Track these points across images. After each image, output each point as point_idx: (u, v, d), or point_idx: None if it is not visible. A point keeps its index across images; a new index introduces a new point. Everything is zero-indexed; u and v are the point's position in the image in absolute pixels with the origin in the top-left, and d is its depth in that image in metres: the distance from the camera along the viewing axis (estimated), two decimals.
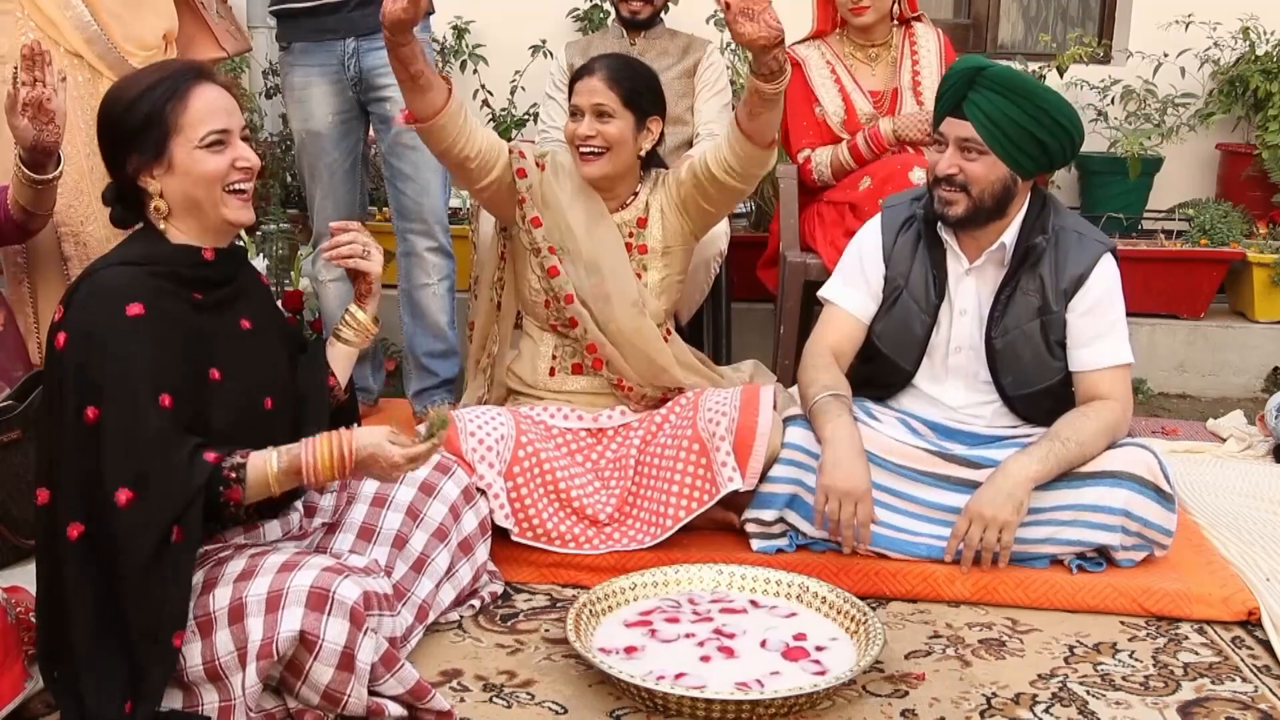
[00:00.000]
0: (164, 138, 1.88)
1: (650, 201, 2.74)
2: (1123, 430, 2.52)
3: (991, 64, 2.43)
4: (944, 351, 2.61)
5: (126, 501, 1.75)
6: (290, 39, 3.32)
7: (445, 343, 3.42)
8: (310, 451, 1.87)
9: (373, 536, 2.17)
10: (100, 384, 1.77)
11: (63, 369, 1.79)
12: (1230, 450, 3.43)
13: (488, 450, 2.44)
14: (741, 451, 2.46)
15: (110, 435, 1.76)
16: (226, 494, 1.83)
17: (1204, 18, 4.53)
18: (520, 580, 2.46)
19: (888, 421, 2.60)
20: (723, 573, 2.36)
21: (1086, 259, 2.51)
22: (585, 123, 2.62)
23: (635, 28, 3.73)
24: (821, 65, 3.50)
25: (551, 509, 2.51)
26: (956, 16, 5.20)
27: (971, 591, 2.42)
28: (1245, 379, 4.20)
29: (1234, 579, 2.46)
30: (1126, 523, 2.43)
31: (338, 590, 1.77)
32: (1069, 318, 2.53)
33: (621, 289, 2.66)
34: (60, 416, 1.79)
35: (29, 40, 2.69)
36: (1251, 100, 4.56)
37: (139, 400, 1.78)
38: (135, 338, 1.80)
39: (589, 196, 2.69)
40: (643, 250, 2.72)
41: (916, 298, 2.60)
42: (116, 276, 1.84)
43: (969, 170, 2.44)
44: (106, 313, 1.80)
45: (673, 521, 2.49)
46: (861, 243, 2.69)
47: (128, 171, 1.90)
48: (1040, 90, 2.43)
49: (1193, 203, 4.59)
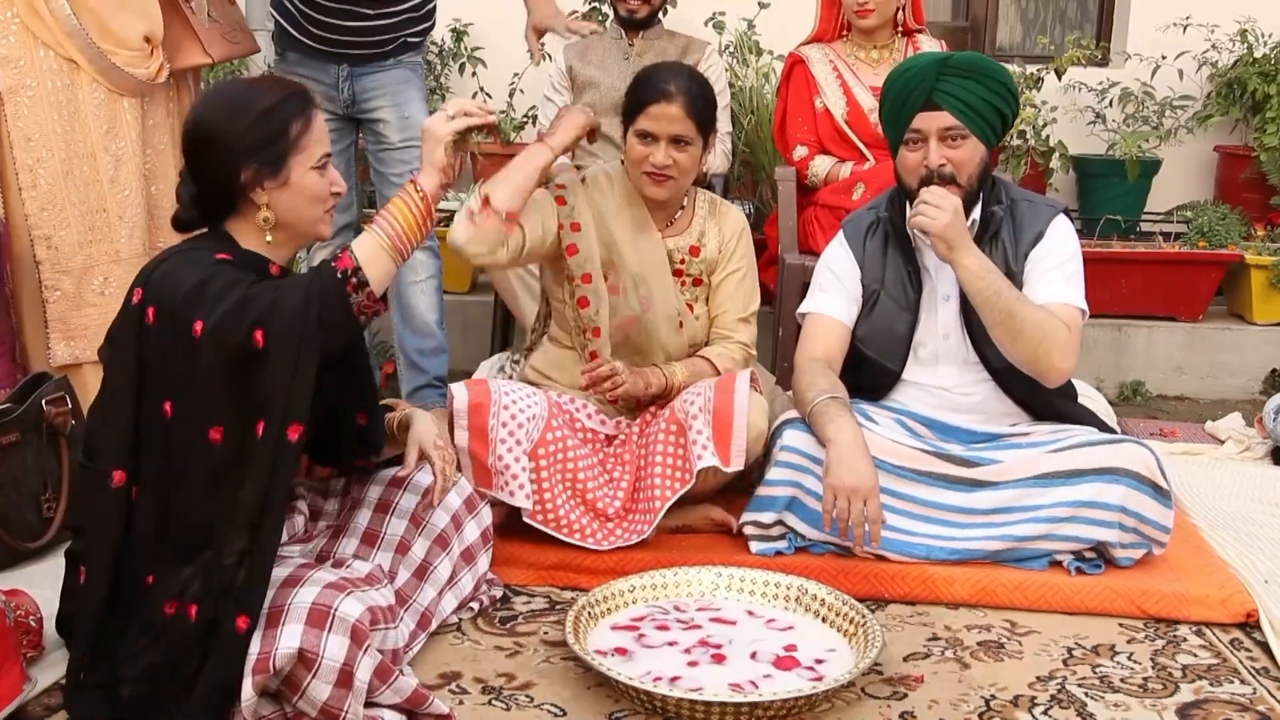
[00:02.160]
0: (286, 154, 1.92)
1: (707, 230, 2.72)
2: (1061, 357, 2.48)
3: (951, 54, 2.54)
4: (933, 340, 2.64)
5: (263, 338, 1.79)
6: (285, 48, 3.34)
7: (434, 339, 3.43)
8: (387, 224, 1.98)
9: (376, 542, 2.17)
10: (205, 297, 1.81)
11: (169, 323, 1.82)
12: (1229, 452, 3.43)
13: (518, 427, 2.43)
14: (721, 430, 2.46)
15: (225, 310, 1.80)
16: (339, 265, 1.90)
17: (1201, 20, 4.54)
18: (519, 583, 2.46)
19: (884, 422, 2.60)
20: (721, 575, 2.36)
21: (1042, 220, 2.59)
22: (661, 151, 2.56)
23: (634, 28, 3.74)
24: (824, 63, 3.55)
25: (565, 495, 2.50)
26: (955, 19, 5.21)
27: (970, 594, 2.42)
28: (1243, 381, 4.21)
29: (1232, 581, 2.46)
30: (1124, 519, 2.43)
31: (339, 608, 1.77)
32: (1028, 270, 2.57)
33: (664, 303, 2.66)
34: (176, 346, 1.81)
35: (12, 44, 2.69)
36: (1249, 102, 4.57)
37: (243, 280, 1.85)
38: (224, 268, 1.87)
39: (635, 207, 2.67)
40: (697, 283, 2.71)
41: (895, 297, 2.63)
42: (193, 253, 1.89)
43: (955, 158, 2.50)
44: (198, 262, 1.86)
45: (660, 503, 2.48)
46: (830, 256, 2.72)
47: (239, 179, 1.90)
48: (996, 66, 2.55)
49: (1191, 205, 4.59)
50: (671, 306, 2.67)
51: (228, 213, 1.95)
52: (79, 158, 2.75)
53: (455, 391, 2.41)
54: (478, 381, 2.51)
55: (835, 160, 3.49)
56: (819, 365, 2.58)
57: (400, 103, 3.30)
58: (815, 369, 2.57)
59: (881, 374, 2.66)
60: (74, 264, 2.77)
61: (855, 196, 3.32)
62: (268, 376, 1.80)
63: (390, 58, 3.28)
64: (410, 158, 3.29)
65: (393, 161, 3.32)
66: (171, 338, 1.82)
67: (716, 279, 2.73)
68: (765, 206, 4.27)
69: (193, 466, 1.83)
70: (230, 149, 1.89)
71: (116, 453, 1.85)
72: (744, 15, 4.53)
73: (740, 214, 2.80)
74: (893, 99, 2.54)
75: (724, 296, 2.73)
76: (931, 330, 2.63)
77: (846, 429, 2.41)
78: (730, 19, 4.56)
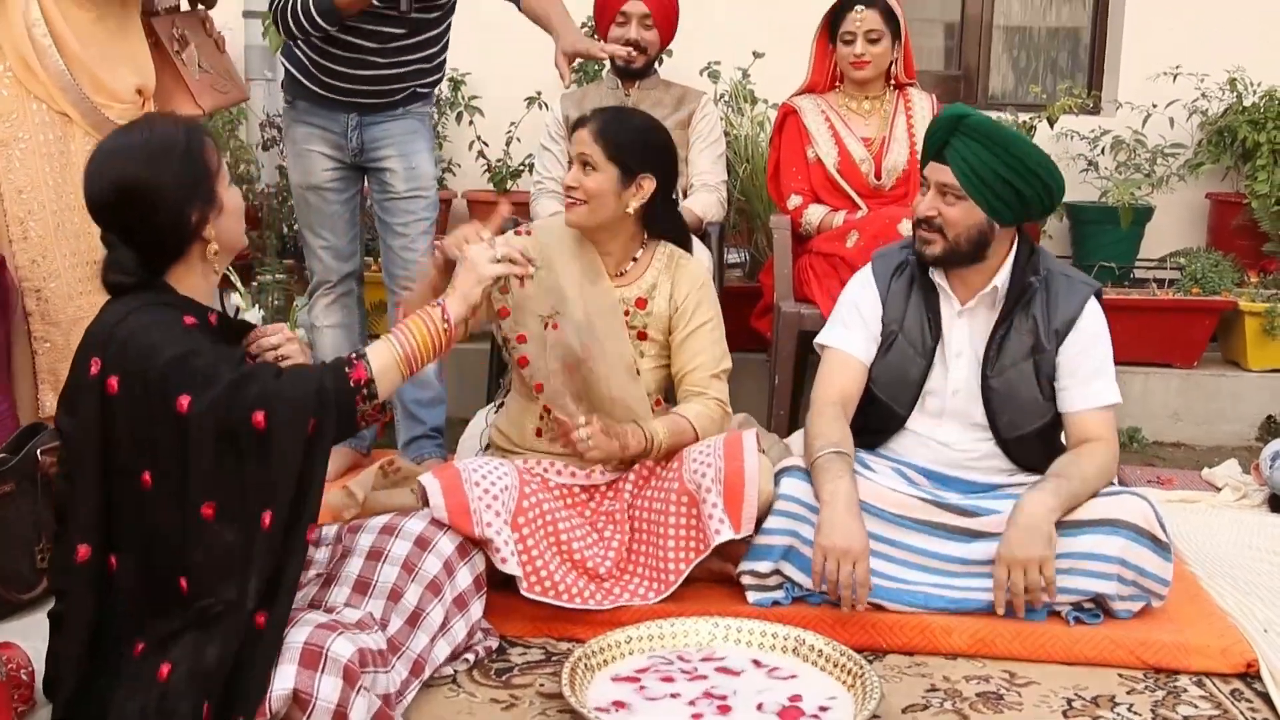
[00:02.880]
0: (214, 182, 1.94)
1: (659, 284, 2.69)
2: (1113, 472, 2.56)
3: (973, 113, 2.48)
4: (941, 394, 2.63)
5: (264, 420, 1.80)
6: (295, 96, 3.34)
7: (432, 390, 3.41)
8: (406, 340, 1.98)
9: (368, 590, 2.16)
10: (191, 372, 1.80)
11: (140, 397, 1.80)
12: (1226, 499, 3.43)
13: (494, 499, 2.41)
14: (732, 500, 2.44)
15: (218, 393, 1.80)
16: (352, 374, 1.92)
17: (1191, 69, 4.59)
18: (515, 634, 2.44)
19: (882, 471, 2.60)
20: (718, 626, 2.34)
21: (1077, 300, 2.57)
22: (571, 172, 2.62)
23: (630, 78, 3.77)
24: (817, 113, 3.58)
25: (556, 561, 2.49)
26: (948, 68, 5.27)
27: (969, 644, 2.41)
28: (1239, 427, 4.21)
29: (1232, 630, 2.45)
30: (1123, 571, 2.42)
31: (331, 647, 1.76)
32: (1060, 359, 2.57)
33: (616, 351, 2.63)
34: (153, 419, 1.81)
35: (4, 97, 2.70)
36: (1240, 150, 4.60)
37: (232, 358, 1.86)
38: (196, 335, 1.86)
39: (585, 252, 2.67)
40: (641, 336, 2.68)
41: (912, 341, 2.62)
42: (152, 314, 1.87)
43: (946, 214, 2.50)
44: (167, 328, 1.84)
45: (675, 575, 2.48)
46: (855, 289, 2.71)
47: (190, 223, 1.91)
48: (1018, 141, 2.48)
49: (1184, 252, 4.62)
50: (627, 355, 2.64)
51: (176, 260, 1.94)
52: (70, 210, 2.74)
53: (426, 482, 2.37)
54: (445, 467, 2.48)
55: (829, 209, 3.51)
56: (833, 411, 2.58)
57: (408, 153, 3.31)
58: (828, 416, 2.57)
59: (888, 417, 2.66)
60: (63, 316, 2.75)
61: (850, 244, 3.34)
62: (270, 462, 1.80)
63: (400, 107, 3.30)
64: (416, 208, 3.30)
65: (398, 211, 3.33)
66: (146, 411, 1.80)
67: (680, 334, 2.67)
68: (760, 254, 4.29)
69: (185, 541, 1.81)
70: (172, 197, 1.88)
71: (84, 527, 1.83)
72: (739, 65, 4.58)
73: (701, 266, 2.76)
74: (924, 139, 2.58)
75: (693, 351, 2.66)
76: (942, 382, 2.62)
77: (842, 490, 2.40)
78: (725, 68, 4.60)
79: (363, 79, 3.23)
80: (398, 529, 2.23)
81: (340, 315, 3.46)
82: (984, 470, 2.65)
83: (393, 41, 3.19)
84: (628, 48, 3.60)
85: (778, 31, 4.34)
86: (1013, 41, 5.31)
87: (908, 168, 3.51)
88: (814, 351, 2.78)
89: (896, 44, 3.52)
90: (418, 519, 2.26)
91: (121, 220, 1.90)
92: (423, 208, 3.33)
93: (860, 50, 3.47)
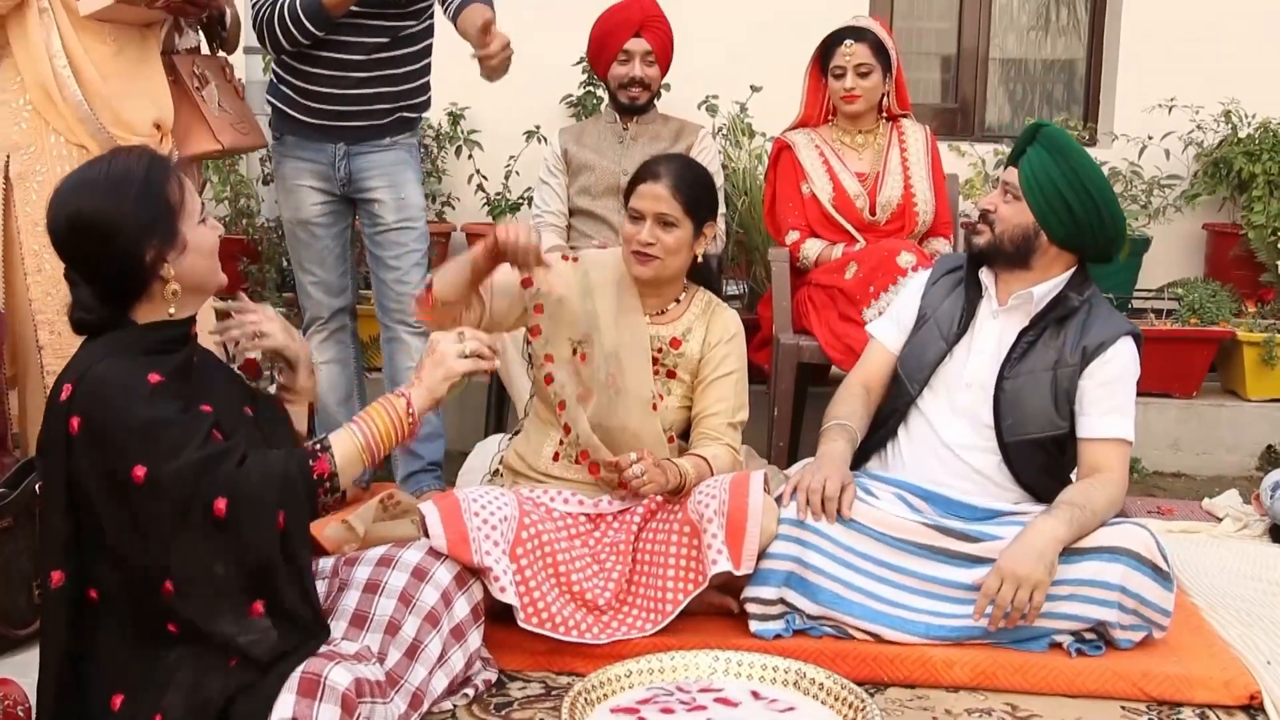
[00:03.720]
0: (175, 219, 1.89)
1: (694, 328, 2.71)
2: (1120, 504, 2.58)
3: (1051, 124, 2.65)
4: (955, 384, 2.67)
5: (225, 509, 1.79)
6: (283, 131, 3.36)
7: (429, 424, 3.40)
8: (368, 430, 1.97)
9: (365, 624, 2.15)
10: (150, 444, 1.78)
11: (98, 449, 1.79)
12: (1226, 530, 3.42)
13: (492, 529, 2.41)
14: (734, 535, 2.44)
15: (179, 469, 1.78)
16: (315, 466, 1.89)
17: (1186, 101, 4.61)
18: (514, 667, 2.43)
19: (885, 496, 2.60)
20: (719, 659, 2.33)
21: (1112, 330, 2.62)
22: (646, 229, 2.59)
23: (630, 113, 3.80)
24: (810, 148, 3.59)
25: (555, 593, 2.48)
26: (944, 101, 5.30)
27: (970, 677, 2.40)
28: (1239, 457, 4.21)
29: (1235, 662, 2.44)
30: (1123, 599, 2.42)
31: (329, 676, 1.76)
32: (1084, 384, 2.59)
33: (638, 385, 2.65)
34: (110, 485, 1.79)
35: (23, 130, 2.73)
36: (1236, 181, 4.63)
37: (198, 432, 1.83)
38: (163, 399, 1.83)
39: (625, 290, 2.68)
40: (670, 375, 2.70)
41: (940, 325, 2.72)
42: (121, 363, 1.84)
43: (1000, 210, 2.63)
44: (132, 386, 1.81)
45: (672, 606, 2.47)
46: (909, 281, 2.91)
47: (144, 261, 1.85)
48: (1081, 156, 2.60)
49: (1181, 282, 4.63)
50: (646, 390, 2.66)
51: (135, 299, 1.90)
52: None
53: (425, 510, 2.37)
54: (444, 496, 2.47)
55: (826, 243, 3.52)
56: (853, 390, 2.79)
57: (397, 184, 3.33)
58: (846, 395, 2.78)
59: (901, 394, 2.73)
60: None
61: (848, 276, 3.34)
62: (237, 549, 1.80)
63: (387, 135, 3.31)
64: (407, 239, 3.31)
65: (388, 244, 3.34)
66: (102, 465, 1.79)
67: (706, 378, 2.70)
68: (759, 286, 4.30)
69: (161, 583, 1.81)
70: (125, 234, 1.84)
71: (54, 551, 1.83)
72: (737, 99, 4.61)
73: (736, 319, 2.78)
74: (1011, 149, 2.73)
75: (715, 399, 2.69)
76: (958, 373, 2.67)
77: (835, 449, 2.63)
78: (723, 102, 4.64)
79: (348, 99, 3.23)
80: (394, 560, 2.22)
81: (335, 351, 3.47)
82: (985, 492, 2.65)
83: (375, 53, 3.20)
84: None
85: (775, 65, 4.37)
86: (1009, 74, 5.34)
87: (902, 202, 3.53)
88: (813, 383, 2.81)
89: (888, 77, 3.54)
90: (414, 549, 2.25)
91: (78, 255, 1.86)
92: (413, 239, 3.33)
93: (850, 84, 3.49)
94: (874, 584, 2.49)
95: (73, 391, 1.80)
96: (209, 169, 4.60)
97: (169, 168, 1.92)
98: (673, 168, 2.65)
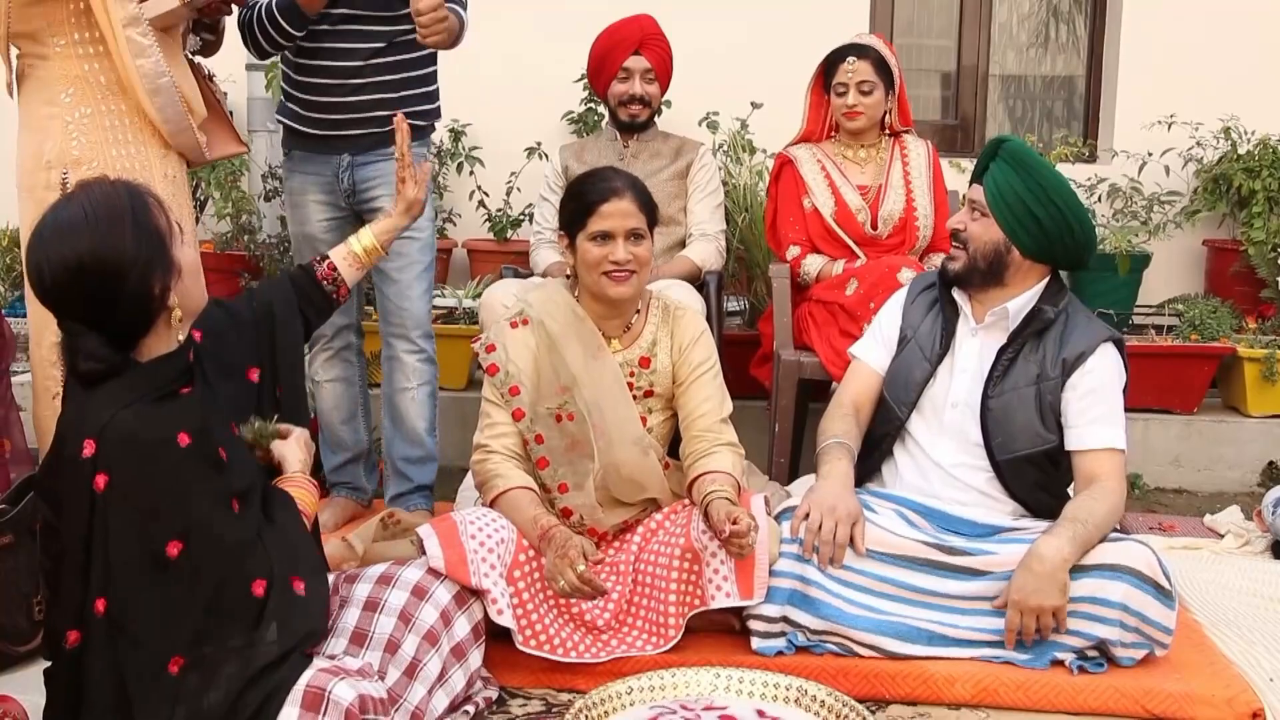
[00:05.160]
0: (168, 245, 1.87)
1: (658, 339, 2.69)
2: (1121, 514, 2.57)
3: (1013, 139, 2.66)
4: (941, 405, 2.66)
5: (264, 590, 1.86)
6: (291, 147, 3.38)
7: (422, 449, 3.36)
8: None
9: (365, 642, 2.14)
10: (196, 522, 1.79)
11: (130, 510, 1.78)
12: (1228, 546, 3.41)
13: (489, 553, 2.40)
14: (743, 567, 2.43)
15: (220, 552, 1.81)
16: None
17: (1186, 118, 4.62)
18: (515, 684, 2.43)
19: (885, 513, 2.60)
20: (720, 676, 2.32)
21: (1091, 339, 2.61)
22: (620, 247, 2.57)
23: (630, 130, 3.81)
24: (812, 162, 3.60)
25: (552, 615, 2.47)
26: (945, 118, 5.31)
27: (972, 694, 2.39)
28: (1240, 473, 4.20)
29: (1237, 679, 2.43)
30: (1125, 617, 2.41)
31: (333, 691, 1.75)
32: (1068, 395, 2.59)
33: (623, 429, 2.62)
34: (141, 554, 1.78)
35: (84, 144, 2.64)
36: (1235, 197, 4.63)
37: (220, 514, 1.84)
38: (195, 462, 1.83)
39: (583, 327, 2.64)
40: (648, 394, 2.68)
41: (922, 346, 2.72)
42: (145, 420, 1.81)
43: (970, 229, 2.65)
44: (163, 451, 1.80)
45: (674, 630, 2.46)
46: (887, 304, 2.88)
47: (154, 293, 1.84)
48: (1045, 169, 2.61)
49: (1182, 298, 4.64)
50: (632, 429, 2.63)
51: (144, 335, 1.88)
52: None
53: (423, 534, 2.36)
54: (442, 518, 2.46)
55: (827, 259, 3.52)
56: (842, 411, 2.76)
57: None
58: (838, 414, 2.76)
59: (888, 419, 2.73)
60: None
61: (849, 292, 3.35)
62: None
63: (391, 144, 3.29)
64: (411, 250, 3.30)
65: (392, 255, 3.30)
66: (134, 528, 1.77)
67: (685, 381, 2.67)
68: (760, 302, 4.30)
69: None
70: (135, 270, 1.81)
71: (74, 617, 1.82)
72: (737, 115, 4.62)
73: (696, 316, 2.76)
74: (975, 165, 2.73)
75: (700, 398, 2.66)
76: (944, 392, 2.67)
77: (839, 469, 2.60)
78: (724, 118, 4.65)
79: (347, 106, 3.21)
80: (394, 579, 2.22)
81: (340, 369, 3.46)
82: (982, 507, 2.65)
83: (371, 59, 3.19)
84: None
85: (776, 82, 4.38)
86: (1009, 90, 5.36)
87: (904, 216, 3.54)
88: (814, 399, 2.81)
89: (890, 94, 3.55)
90: (414, 567, 2.25)
91: (83, 302, 1.80)
92: (417, 250, 3.30)
93: (853, 101, 3.50)
94: (876, 599, 2.49)
95: (97, 448, 1.77)
96: (210, 185, 4.62)
97: (145, 194, 1.89)
98: (628, 180, 2.65)
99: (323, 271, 2.41)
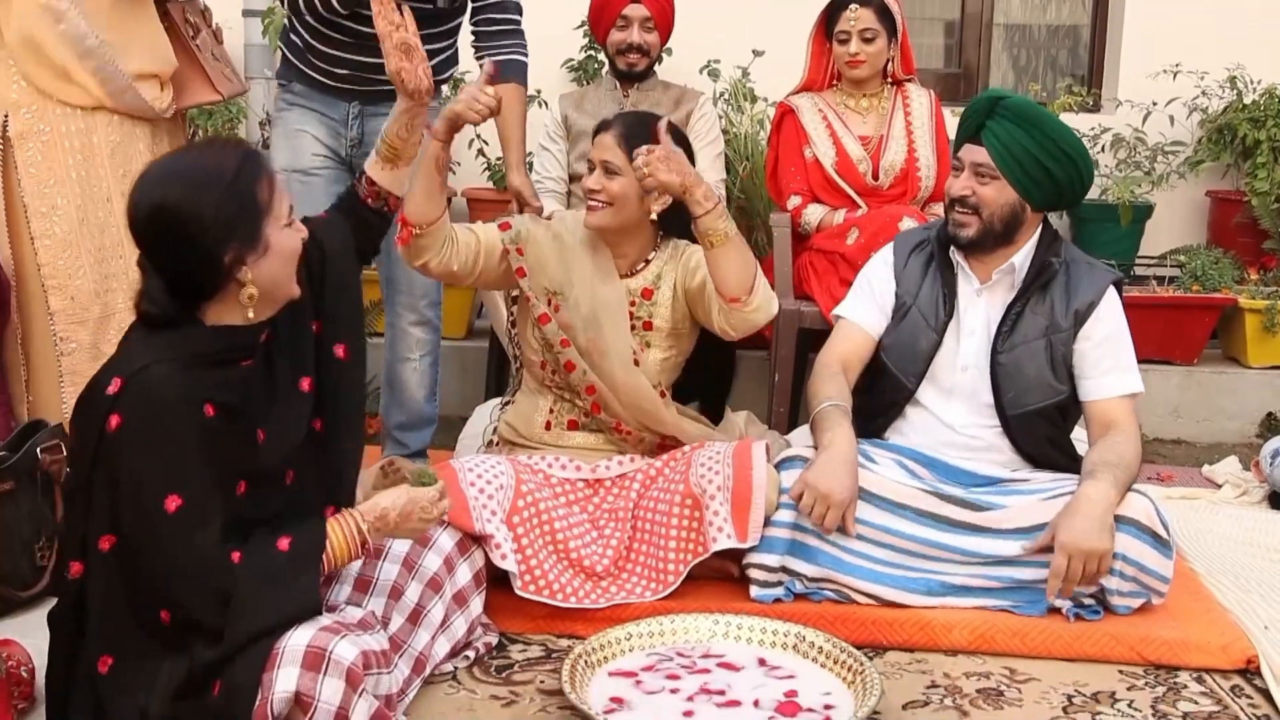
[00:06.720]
0: (261, 221, 1.83)
1: (664, 274, 2.70)
2: (1140, 454, 2.56)
3: (1010, 94, 2.58)
4: (950, 370, 2.66)
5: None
6: (291, 79, 3.17)
7: (420, 417, 3.31)
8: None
9: (369, 588, 2.16)
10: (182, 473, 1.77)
11: (132, 457, 1.77)
12: (1226, 496, 3.43)
13: (489, 499, 2.42)
14: (739, 509, 2.45)
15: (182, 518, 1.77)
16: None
17: (1191, 67, 4.58)
18: (515, 630, 2.44)
19: (885, 463, 2.60)
20: (719, 622, 2.34)
21: (1097, 286, 2.60)
22: (593, 176, 2.63)
23: (630, 79, 3.77)
24: (814, 112, 3.58)
25: (552, 560, 2.49)
26: (947, 66, 5.27)
27: (969, 640, 2.41)
28: (1239, 424, 4.21)
29: (1232, 627, 2.45)
30: (1123, 566, 2.42)
31: (334, 650, 1.76)
32: (1082, 346, 2.59)
33: (619, 348, 2.64)
34: (136, 500, 1.77)
35: (23, 87, 2.63)
36: (1240, 148, 4.60)
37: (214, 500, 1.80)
38: (209, 438, 1.80)
39: (598, 251, 2.68)
40: (647, 326, 2.69)
41: (925, 314, 2.67)
42: (173, 376, 1.79)
43: (981, 193, 2.56)
44: (178, 412, 1.77)
45: (674, 576, 2.48)
46: (872, 264, 2.80)
47: (223, 262, 1.80)
48: (1052, 121, 2.55)
49: (1184, 249, 4.62)
50: (626, 350, 2.65)
51: (208, 299, 1.84)
52: (95, 202, 2.69)
53: None
54: (441, 466, 2.47)
55: (828, 209, 3.51)
56: (831, 371, 2.67)
57: None
58: (827, 375, 2.66)
59: (896, 389, 2.69)
60: (91, 314, 2.70)
61: (850, 242, 3.33)
62: None
63: None
64: None
65: None
66: (132, 476, 1.76)
67: (695, 280, 2.62)
68: (760, 252, 4.27)
69: None
70: (206, 231, 1.77)
71: (78, 547, 1.82)
72: (739, 63, 4.58)
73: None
74: (959, 124, 2.64)
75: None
76: (952, 358, 2.66)
77: (841, 437, 2.50)
78: (725, 66, 4.60)
79: (368, 66, 2.99)
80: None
81: None
82: (987, 461, 2.65)
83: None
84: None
85: (777, 29, 4.34)
86: (1013, 39, 5.31)
87: (905, 166, 3.51)
88: (814, 348, 2.79)
89: (893, 42, 3.52)
90: None
91: (155, 246, 1.80)
92: None
93: (855, 49, 3.47)
94: (874, 548, 2.50)
95: (122, 387, 1.76)
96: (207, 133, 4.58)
97: (262, 165, 1.85)
98: (626, 119, 2.68)
99: (364, 190, 2.24)
